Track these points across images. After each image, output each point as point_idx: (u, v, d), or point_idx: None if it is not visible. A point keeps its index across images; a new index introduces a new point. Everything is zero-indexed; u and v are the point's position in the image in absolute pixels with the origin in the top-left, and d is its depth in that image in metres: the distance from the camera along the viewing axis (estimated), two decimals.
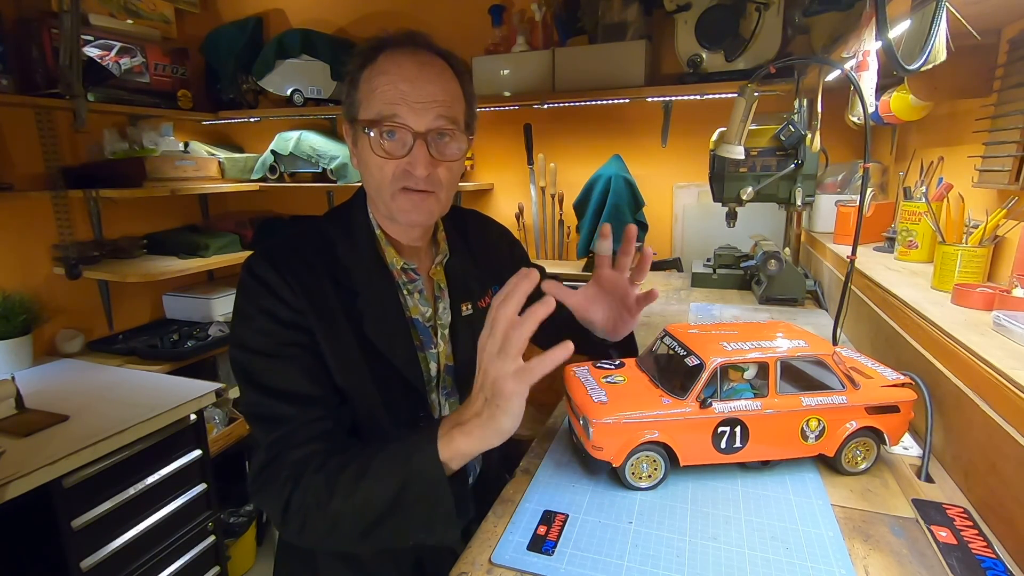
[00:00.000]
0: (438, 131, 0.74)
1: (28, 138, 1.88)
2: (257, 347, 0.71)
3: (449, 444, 0.60)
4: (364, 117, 0.73)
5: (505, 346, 0.56)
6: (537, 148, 2.21)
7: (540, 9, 2.01)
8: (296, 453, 0.67)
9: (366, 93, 0.73)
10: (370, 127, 0.72)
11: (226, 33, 2.37)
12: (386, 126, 0.72)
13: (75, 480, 1.25)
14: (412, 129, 0.72)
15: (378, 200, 0.78)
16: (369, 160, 0.74)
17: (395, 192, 0.75)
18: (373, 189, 0.78)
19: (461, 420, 0.60)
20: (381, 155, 0.73)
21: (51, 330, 1.94)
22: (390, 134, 0.73)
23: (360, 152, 0.76)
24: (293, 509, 0.65)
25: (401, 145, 0.73)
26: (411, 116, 0.72)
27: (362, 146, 0.75)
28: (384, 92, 0.72)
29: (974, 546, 0.57)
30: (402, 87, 0.71)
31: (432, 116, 0.73)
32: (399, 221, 0.78)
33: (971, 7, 0.78)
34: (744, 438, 0.67)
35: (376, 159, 0.73)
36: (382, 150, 0.72)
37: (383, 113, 0.71)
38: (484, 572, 0.56)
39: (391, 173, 0.74)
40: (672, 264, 2.08)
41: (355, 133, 0.76)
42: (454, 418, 0.62)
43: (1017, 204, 0.91)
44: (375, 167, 0.74)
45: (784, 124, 1.32)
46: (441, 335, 0.85)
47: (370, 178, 0.76)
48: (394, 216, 0.77)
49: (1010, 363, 0.61)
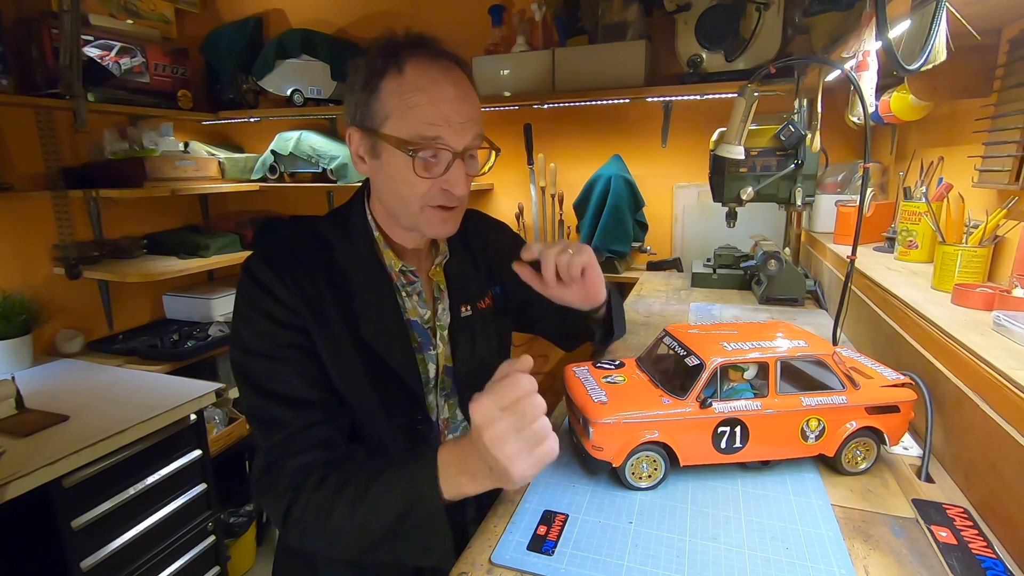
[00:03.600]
0: (473, 148, 0.74)
1: (28, 138, 1.88)
2: (256, 348, 0.72)
3: (454, 488, 0.61)
4: (398, 135, 0.70)
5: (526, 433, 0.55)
6: (537, 148, 2.21)
7: (540, 9, 2.01)
8: (294, 461, 0.68)
9: (396, 108, 0.70)
10: (413, 149, 0.70)
11: (226, 33, 2.37)
12: (430, 149, 0.71)
13: (75, 480, 1.25)
14: (453, 150, 0.71)
15: (400, 213, 0.77)
16: (398, 176, 0.72)
17: (424, 207, 0.74)
18: (396, 202, 0.76)
19: (470, 469, 0.59)
20: (423, 176, 0.71)
21: (51, 330, 1.94)
22: (432, 156, 0.72)
23: (385, 166, 0.73)
24: (293, 519, 0.66)
25: (439, 165, 0.72)
26: (453, 137, 0.71)
27: (390, 161, 0.72)
28: (424, 112, 0.70)
29: (974, 546, 0.57)
30: (443, 108, 0.70)
31: (471, 136, 0.73)
32: (424, 233, 0.78)
33: (971, 7, 0.78)
34: (744, 438, 0.67)
35: (407, 176, 0.72)
36: (424, 172, 0.71)
37: (424, 135, 0.70)
38: (484, 572, 0.56)
39: (424, 191, 0.73)
40: (672, 264, 2.08)
41: (375, 144, 0.73)
42: (461, 463, 0.60)
43: (1017, 204, 0.91)
44: (404, 184, 0.73)
45: (784, 124, 1.32)
46: (440, 336, 0.85)
47: (395, 192, 0.75)
48: (419, 228, 0.77)
49: (1010, 363, 0.61)
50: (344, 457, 0.70)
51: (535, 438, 0.55)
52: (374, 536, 0.63)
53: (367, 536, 0.63)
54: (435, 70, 0.71)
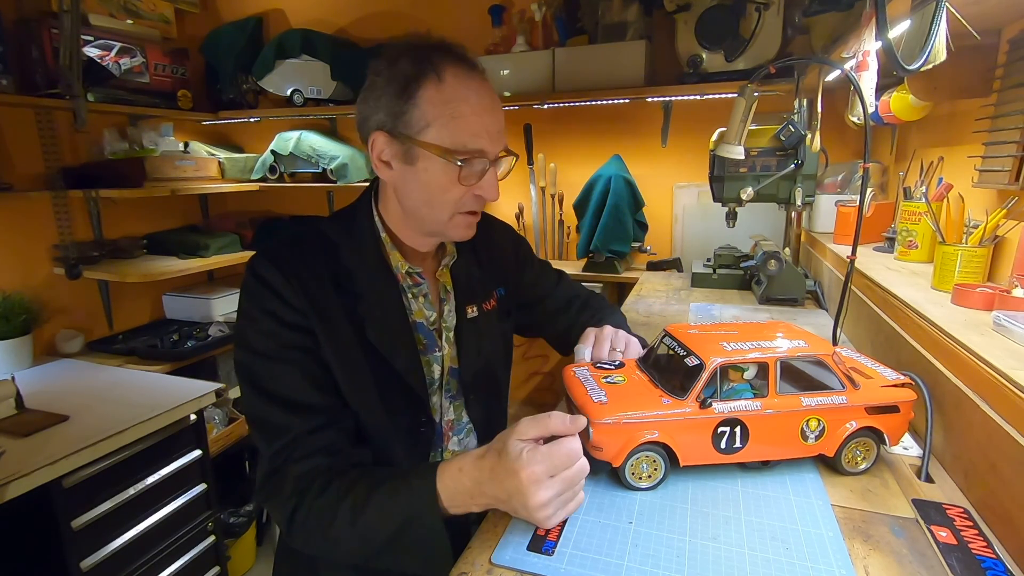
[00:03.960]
0: (499, 156, 0.76)
1: (28, 138, 1.88)
2: (260, 349, 0.71)
3: (461, 508, 0.62)
4: (441, 143, 0.71)
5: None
6: (537, 148, 2.21)
7: (540, 9, 2.01)
8: (298, 468, 0.68)
9: (440, 117, 0.70)
10: (462, 159, 0.71)
11: (226, 33, 2.37)
12: (478, 159, 0.72)
13: (75, 480, 1.25)
14: (490, 158, 0.74)
15: (428, 219, 0.77)
16: (434, 183, 0.73)
17: (455, 214, 0.76)
18: (425, 208, 0.76)
19: (485, 496, 0.60)
20: (464, 184, 0.73)
21: (51, 330, 1.94)
22: (475, 165, 0.73)
23: (421, 173, 0.73)
24: (296, 525, 0.67)
25: (475, 173, 0.73)
26: (491, 147, 0.73)
27: (428, 168, 0.72)
28: (470, 123, 0.71)
29: (974, 546, 0.57)
30: (485, 119, 0.72)
31: (502, 144, 0.75)
32: (449, 238, 0.80)
33: (971, 7, 0.77)
34: (744, 438, 0.67)
35: (446, 184, 0.73)
36: (470, 180, 0.73)
37: (469, 146, 0.71)
38: (484, 572, 0.55)
39: (458, 198, 0.74)
40: (672, 264, 2.08)
41: (409, 150, 0.72)
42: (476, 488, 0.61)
43: (1017, 204, 0.91)
44: (440, 190, 0.73)
45: (784, 124, 1.32)
46: (446, 338, 0.85)
47: (426, 198, 0.75)
48: (444, 233, 0.79)
49: (1010, 363, 0.61)
50: (348, 462, 0.71)
51: (572, 497, 0.59)
52: (375, 545, 0.64)
53: (368, 545, 0.64)
54: (474, 81, 0.73)
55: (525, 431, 0.59)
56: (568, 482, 0.57)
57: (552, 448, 0.58)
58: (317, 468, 0.68)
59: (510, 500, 0.58)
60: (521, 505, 0.57)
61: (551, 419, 0.60)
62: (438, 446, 0.86)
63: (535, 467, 0.56)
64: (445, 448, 0.87)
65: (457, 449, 0.88)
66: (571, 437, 0.59)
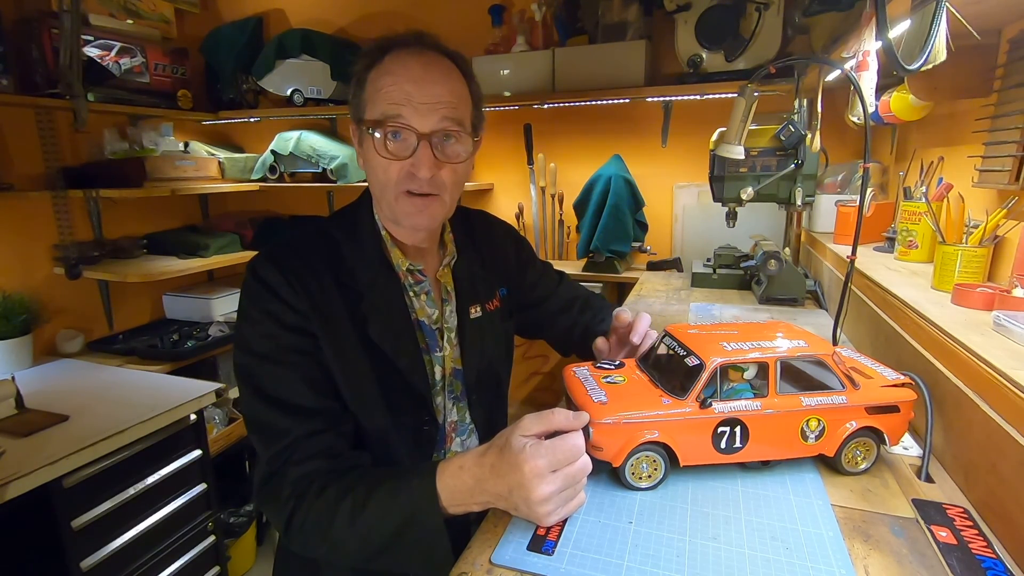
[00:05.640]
0: (443, 132, 0.73)
1: (28, 138, 1.88)
2: (260, 351, 0.71)
3: (461, 508, 0.62)
4: (369, 117, 0.73)
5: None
6: (537, 148, 2.21)
7: (540, 9, 2.01)
8: (297, 471, 0.68)
9: (372, 93, 0.73)
10: (375, 128, 0.72)
11: (226, 33, 2.37)
12: (390, 127, 0.71)
13: (75, 480, 1.25)
14: (417, 131, 0.71)
15: (382, 202, 0.77)
16: (373, 161, 0.74)
17: (399, 195, 0.74)
18: (378, 190, 0.77)
19: (486, 494, 0.60)
20: (385, 156, 0.72)
21: (51, 330, 1.94)
22: (395, 135, 0.72)
23: (365, 153, 0.76)
24: (295, 527, 0.66)
25: (405, 147, 0.72)
26: (415, 117, 0.71)
27: (367, 147, 0.74)
28: (389, 92, 0.71)
29: (974, 546, 0.57)
30: (407, 88, 0.70)
31: (437, 117, 0.72)
32: (403, 224, 0.78)
33: (971, 7, 0.77)
34: (744, 438, 0.67)
35: (380, 160, 0.73)
36: (386, 151, 0.72)
37: (387, 113, 0.71)
38: (484, 572, 0.55)
39: (395, 175, 0.73)
40: (672, 264, 2.08)
41: (360, 133, 0.76)
42: (478, 486, 0.61)
43: (1017, 204, 0.91)
44: (379, 168, 0.74)
45: (784, 124, 1.32)
46: (448, 338, 0.84)
47: (375, 179, 0.76)
48: (398, 219, 0.77)
49: (1010, 363, 0.61)
50: (347, 465, 0.70)
51: (573, 495, 0.59)
52: (374, 546, 0.64)
53: (368, 545, 0.64)
54: (410, 56, 0.72)
55: (528, 427, 0.59)
56: (570, 478, 0.57)
57: (556, 443, 0.58)
58: (315, 471, 0.68)
59: (511, 495, 0.58)
60: (522, 500, 0.57)
61: (554, 415, 0.60)
62: (441, 447, 0.85)
63: (538, 460, 0.56)
64: (448, 449, 0.86)
65: (460, 450, 0.88)
66: (574, 433, 0.59)
